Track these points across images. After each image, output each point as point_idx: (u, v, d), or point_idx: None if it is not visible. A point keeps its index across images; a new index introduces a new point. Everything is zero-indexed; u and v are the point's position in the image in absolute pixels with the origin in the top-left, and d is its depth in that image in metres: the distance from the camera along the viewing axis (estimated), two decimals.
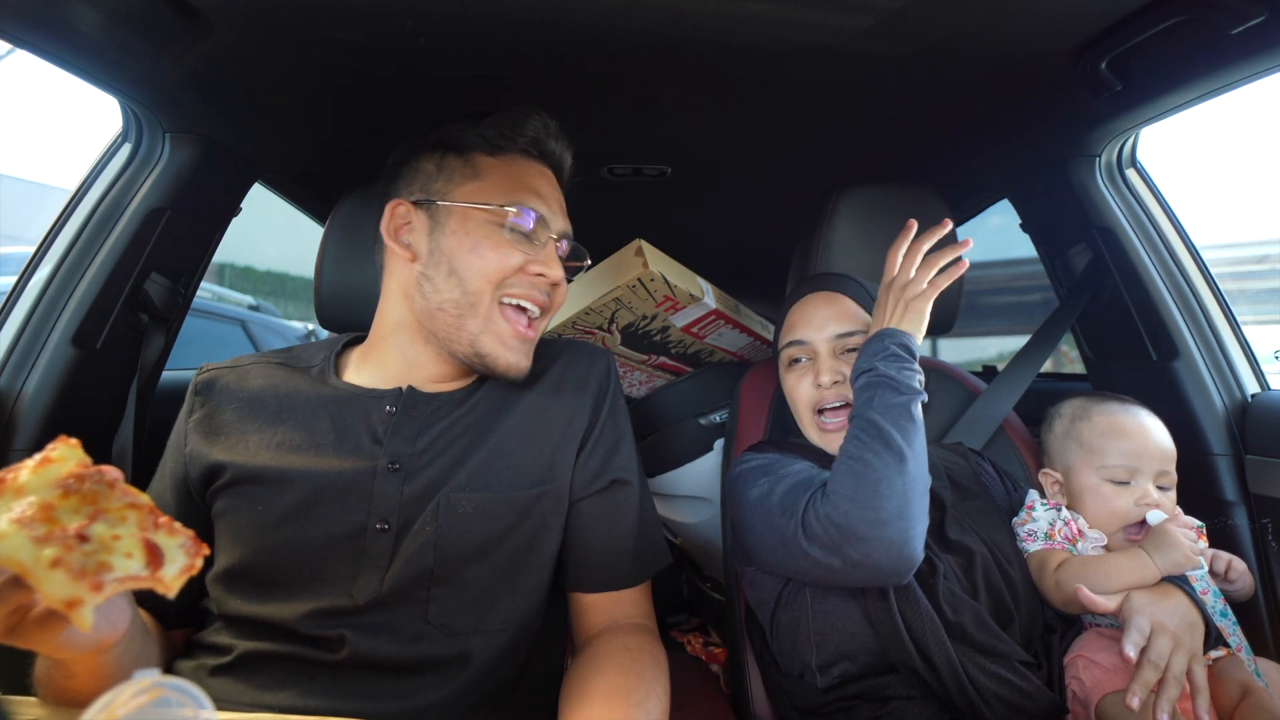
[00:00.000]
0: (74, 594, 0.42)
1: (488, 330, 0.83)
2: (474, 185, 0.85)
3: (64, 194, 1.15)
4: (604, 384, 0.91)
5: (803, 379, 0.98)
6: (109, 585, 0.43)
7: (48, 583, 0.42)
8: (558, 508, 0.84)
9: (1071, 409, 0.97)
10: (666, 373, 1.50)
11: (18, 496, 0.44)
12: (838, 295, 1.00)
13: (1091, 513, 0.91)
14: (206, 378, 0.88)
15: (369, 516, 0.76)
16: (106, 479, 0.47)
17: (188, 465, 0.82)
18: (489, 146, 0.87)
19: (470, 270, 0.82)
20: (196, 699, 0.39)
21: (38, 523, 0.43)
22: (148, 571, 0.45)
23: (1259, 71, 0.87)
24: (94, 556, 0.44)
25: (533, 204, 0.85)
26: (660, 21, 0.88)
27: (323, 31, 0.90)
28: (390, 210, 0.87)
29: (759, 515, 0.87)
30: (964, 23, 0.86)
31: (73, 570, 0.43)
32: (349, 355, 0.93)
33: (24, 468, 0.45)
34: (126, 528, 0.46)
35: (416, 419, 0.82)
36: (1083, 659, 0.84)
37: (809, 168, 1.46)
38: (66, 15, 0.81)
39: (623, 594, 0.86)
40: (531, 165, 0.89)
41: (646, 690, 0.72)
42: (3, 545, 0.42)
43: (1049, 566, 0.88)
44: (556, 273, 0.85)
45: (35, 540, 0.43)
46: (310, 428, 0.81)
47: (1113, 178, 1.23)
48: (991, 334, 3.93)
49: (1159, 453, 0.90)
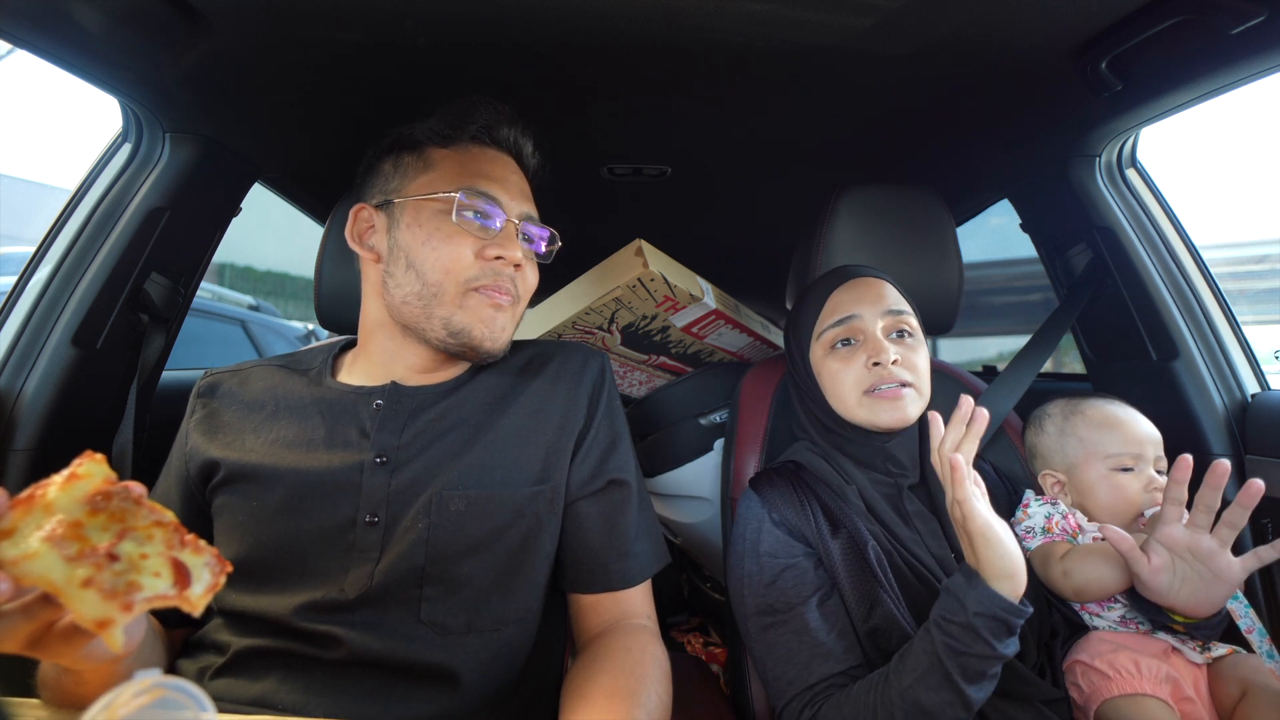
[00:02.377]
0: (106, 614, 0.43)
1: (460, 310, 0.83)
2: (425, 177, 0.86)
3: (64, 194, 1.15)
4: (598, 385, 0.91)
5: (851, 361, 0.92)
6: (138, 605, 0.44)
7: (80, 603, 0.42)
8: (553, 508, 0.83)
9: (1060, 409, 0.97)
10: (666, 373, 1.50)
11: (47, 514, 0.44)
12: (881, 280, 0.98)
13: (1106, 503, 0.90)
14: (209, 381, 0.90)
15: (358, 510, 0.77)
16: (133, 495, 0.47)
17: (188, 463, 0.84)
18: (440, 139, 0.88)
19: (425, 263, 0.82)
20: (197, 699, 0.39)
21: (68, 541, 0.43)
22: (175, 591, 0.45)
23: (1259, 71, 0.87)
24: (124, 576, 0.44)
25: (482, 186, 0.84)
26: (660, 22, 0.88)
27: (323, 31, 0.90)
28: (354, 215, 0.89)
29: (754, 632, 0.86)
30: (964, 23, 0.86)
31: (104, 590, 0.43)
32: (345, 357, 0.94)
33: (52, 484, 0.45)
34: (154, 546, 0.46)
35: (402, 412, 0.83)
36: (1080, 664, 0.83)
37: (809, 168, 1.46)
38: (66, 15, 0.81)
39: (623, 594, 0.85)
40: (484, 152, 0.89)
41: (648, 692, 0.72)
42: (35, 564, 0.42)
43: (1054, 557, 0.87)
44: (514, 253, 0.84)
45: (67, 560, 0.43)
46: (303, 425, 0.83)
47: (1113, 178, 1.23)
48: (991, 334, 3.93)
49: (1153, 439, 0.92)
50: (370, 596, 0.74)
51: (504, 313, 0.85)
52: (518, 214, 0.87)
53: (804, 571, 0.85)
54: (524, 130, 0.92)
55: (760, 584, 0.86)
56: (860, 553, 0.84)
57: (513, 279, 0.85)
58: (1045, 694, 0.79)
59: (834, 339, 0.95)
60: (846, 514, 0.88)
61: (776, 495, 0.91)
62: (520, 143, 0.92)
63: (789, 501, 0.90)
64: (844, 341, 0.94)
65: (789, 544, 0.87)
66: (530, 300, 0.93)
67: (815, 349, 0.98)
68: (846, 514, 0.88)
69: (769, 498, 0.91)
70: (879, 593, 0.82)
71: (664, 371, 1.49)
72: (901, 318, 0.94)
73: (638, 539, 0.87)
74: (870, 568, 0.83)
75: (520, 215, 0.87)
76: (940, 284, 1.13)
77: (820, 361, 0.97)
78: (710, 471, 1.37)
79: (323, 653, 0.73)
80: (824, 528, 0.87)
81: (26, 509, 0.44)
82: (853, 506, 0.89)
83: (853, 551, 0.85)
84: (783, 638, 0.83)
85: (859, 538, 0.85)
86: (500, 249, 0.83)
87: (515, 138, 0.91)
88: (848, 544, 0.85)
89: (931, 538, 0.89)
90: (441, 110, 0.88)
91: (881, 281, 0.98)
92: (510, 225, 0.85)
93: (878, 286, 0.97)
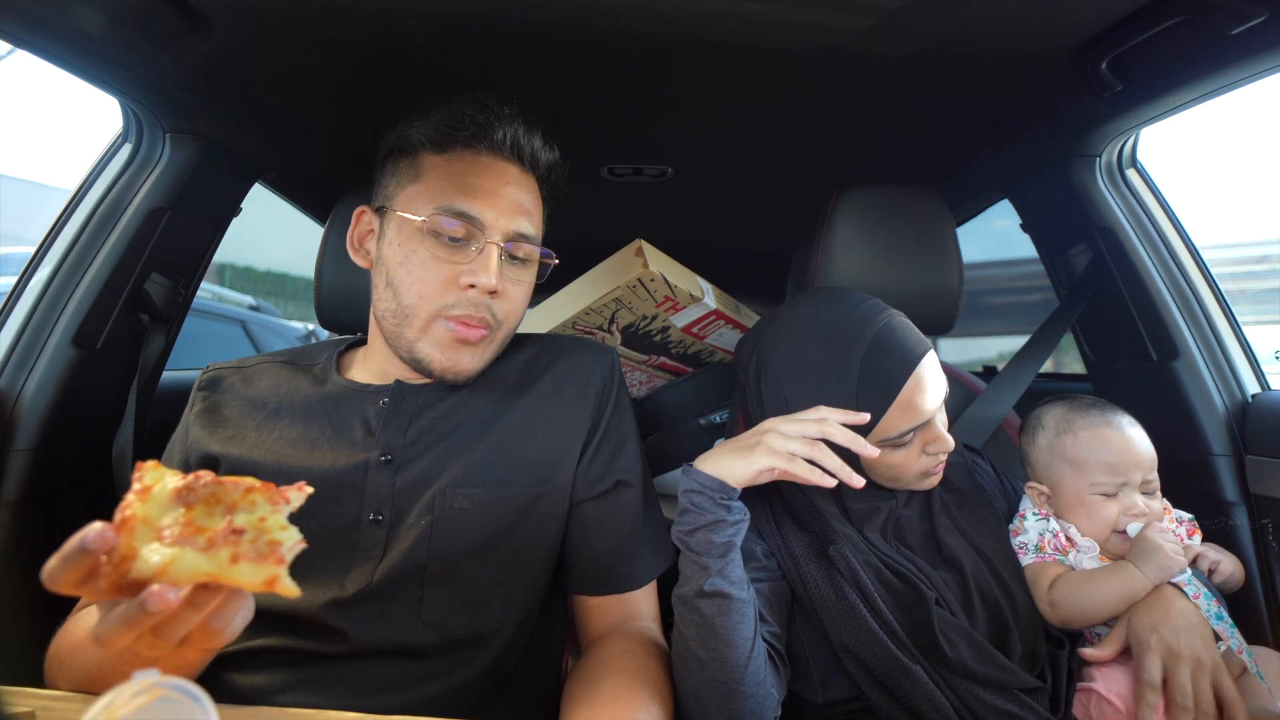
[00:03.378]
0: (268, 575, 0.45)
1: (424, 337, 0.81)
2: (412, 189, 0.82)
3: (64, 194, 1.15)
4: (607, 383, 0.89)
5: (910, 453, 0.85)
6: (288, 555, 0.47)
7: (241, 576, 0.45)
8: (558, 509, 0.83)
9: (1055, 420, 0.95)
10: (666, 373, 1.50)
11: (149, 526, 0.45)
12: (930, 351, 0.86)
13: (1083, 524, 0.90)
14: (212, 375, 0.90)
15: (363, 509, 0.77)
16: (208, 479, 0.48)
17: (188, 455, 0.83)
18: (433, 144, 0.83)
19: (402, 284, 0.80)
20: (197, 699, 0.39)
21: (193, 536, 0.45)
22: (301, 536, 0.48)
23: (1259, 71, 0.87)
24: (260, 540, 0.46)
25: (462, 205, 0.79)
26: (660, 22, 0.87)
27: (323, 31, 0.90)
28: (356, 217, 0.87)
29: None
30: (964, 23, 0.86)
31: (253, 558, 0.45)
32: (353, 355, 0.93)
33: (131, 504, 0.46)
34: (262, 508, 0.48)
35: (407, 410, 0.82)
36: (1095, 694, 0.81)
37: (809, 168, 1.46)
38: (67, 15, 0.81)
39: (628, 596, 0.85)
40: (478, 159, 0.82)
41: (651, 695, 0.71)
42: (182, 566, 0.44)
43: (1042, 585, 0.87)
44: (487, 280, 0.78)
45: (203, 551, 0.45)
46: (307, 424, 0.82)
47: (1113, 178, 1.23)
48: (991, 334, 3.93)
49: (1143, 463, 0.90)
50: (370, 594, 0.74)
51: (471, 348, 0.82)
52: (502, 234, 0.80)
53: (749, 554, 0.83)
54: (529, 128, 0.85)
55: None
56: (823, 550, 0.83)
57: (489, 306, 0.81)
58: (1023, 682, 0.78)
59: (901, 443, 0.84)
60: (816, 517, 0.86)
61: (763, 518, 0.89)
62: (523, 144, 0.85)
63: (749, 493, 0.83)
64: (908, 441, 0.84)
65: (748, 543, 0.84)
66: (530, 301, 0.92)
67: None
68: (816, 517, 0.86)
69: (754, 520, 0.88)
70: (849, 598, 0.79)
71: (664, 371, 1.49)
72: (945, 396, 0.86)
73: (644, 540, 0.86)
74: (832, 566, 0.81)
75: (506, 235, 0.81)
76: (940, 284, 1.13)
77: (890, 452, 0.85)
78: None
79: (321, 647, 0.73)
80: (786, 524, 0.86)
81: (129, 532, 0.45)
82: (824, 510, 0.87)
83: (817, 549, 0.84)
84: None
85: (825, 537, 0.84)
86: (473, 276, 0.78)
87: (516, 139, 0.84)
88: (812, 542, 0.84)
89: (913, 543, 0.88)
90: (438, 111, 0.83)
91: (933, 353, 0.86)
92: (490, 249, 0.79)
93: (934, 364, 0.85)
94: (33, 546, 1.01)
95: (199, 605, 0.47)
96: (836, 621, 0.79)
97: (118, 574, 0.44)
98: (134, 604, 0.44)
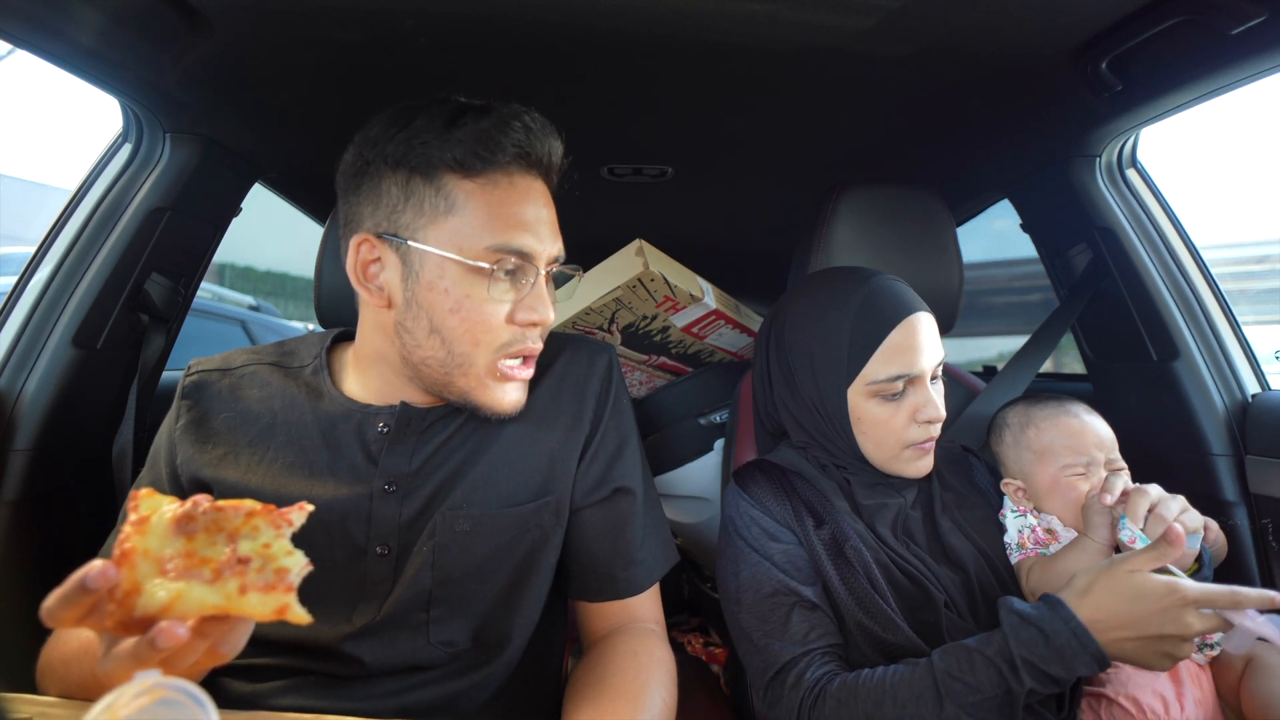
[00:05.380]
0: (277, 604, 0.45)
1: (480, 386, 0.75)
2: (450, 224, 0.71)
3: (64, 194, 1.15)
4: (606, 384, 0.87)
5: (899, 412, 0.86)
6: (296, 581, 0.46)
7: (249, 607, 0.45)
8: (558, 520, 0.81)
9: (1016, 418, 0.97)
10: (666, 373, 1.50)
11: (149, 560, 0.45)
12: (930, 315, 0.89)
13: (1060, 507, 0.91)
14: (195, 380, 0.82)
15: (369, 540, 0.74)
16: (207, 507, 0.47)
17: (179, 474, 0.78)
18: (463, 168, 0.71)
19: (454, 332, 0.73)
20: (198, 700, 0.39)
21: (197, 569, 0.45)
22: (307, 560, 0.47)
23: (1259, 71, 0.87)
24: (266, 569, 0.46)
25: (519, 242, 0.72)
26: (660, 22, 0.87)
27: (323, 31, 0.90)
28: (355, 248, 0.74)
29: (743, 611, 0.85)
30: (964, 23, 0.86)
31: (261, 588, 0.45)
32: (342, 355, 0.86)
33: (130, 537, 0.45)
34: (265, 534, 0.47)
35: (411, 436, 0.78)
36: (1105, 699, 0.82)
37: (809, 168, 1.46)
38: (67, 16, 0.81)
39: (630, 599, 0.84)
40: (518, 182, 0.74)
41: (652, 696, 0.71)
42: (189, 600, 0.44)
43: (1023, 579, 0.88)
44: (547, 315, 0.75)
45: (209, 583, 0.44)
46: (303, 445, 0.77)
47: (1113, 178, 1.23)
48: (991, 334, 3.92)
49: (1103, 442, 0.92)
50: (377, 626, 0.73)
51: (523, 383, 0.79)
52: (547, 261, 0.76)
53: (794, 556, 0.85)
54: (555, 134, 0.77)
55: (749, 565, 0.85)
56: (840, 548, 0.84)
57: (539, 337, 0.77)
58: None
59: (889, 391, 0.86)
60: (831, 512, 0.88)
61: (758, 488, 0.91)
62: (552, 152, 0.77)
63: (772, 495, 0.90)
64: (897, 393, 0.86)
65: (777, 530, 0.87)
66: None
67: (855, 388, 0.88)
68: (831, 512, 0.88)
69: (752, 491, 0.91)
70: (865, 588, 0.82)
71: (664, 371, 1.49)
72: (938, 364, 0.88)
73: (644, 544, 0.84)
74: (850, 564, 0.83)
75: (550, 261, 0.77)
76: (940, 284, 1.13)
77: (860, 405, 0.87)
78: (710, 471, 1.37)
79: (327, 668, 0.73)
80: (808, 521, 0.87)
81: (131, 566, 0.44)
82: (837, 507, 0.89)
83: (834, 547, 0.85)
84: (774, 610, 0.82)
85: (840, 534, 0.85)
86: (532, 312, 0.74)
87: (550, 149, 0.76)
88: (830, 540, 0.86)
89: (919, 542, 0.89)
90: (464, 130, 0.71)
91: (931, 318, 0.89)
92: (542, 281, 0.75)
93: (931, 326, 0.88)
94: (32, 547, 1.01)
95: (207, 635, 0.46)
96: (851, 606, 0.82)
97: (123, 610, 0.43)
98: (143, 641, 0.44)
